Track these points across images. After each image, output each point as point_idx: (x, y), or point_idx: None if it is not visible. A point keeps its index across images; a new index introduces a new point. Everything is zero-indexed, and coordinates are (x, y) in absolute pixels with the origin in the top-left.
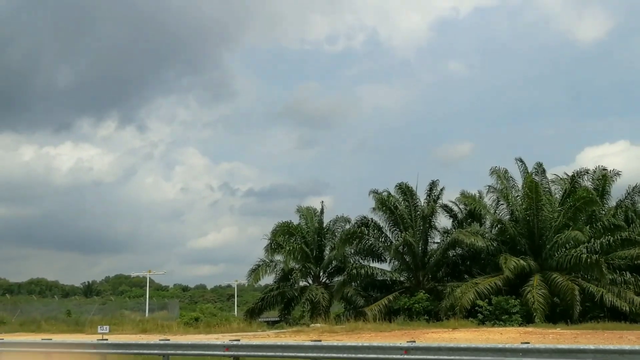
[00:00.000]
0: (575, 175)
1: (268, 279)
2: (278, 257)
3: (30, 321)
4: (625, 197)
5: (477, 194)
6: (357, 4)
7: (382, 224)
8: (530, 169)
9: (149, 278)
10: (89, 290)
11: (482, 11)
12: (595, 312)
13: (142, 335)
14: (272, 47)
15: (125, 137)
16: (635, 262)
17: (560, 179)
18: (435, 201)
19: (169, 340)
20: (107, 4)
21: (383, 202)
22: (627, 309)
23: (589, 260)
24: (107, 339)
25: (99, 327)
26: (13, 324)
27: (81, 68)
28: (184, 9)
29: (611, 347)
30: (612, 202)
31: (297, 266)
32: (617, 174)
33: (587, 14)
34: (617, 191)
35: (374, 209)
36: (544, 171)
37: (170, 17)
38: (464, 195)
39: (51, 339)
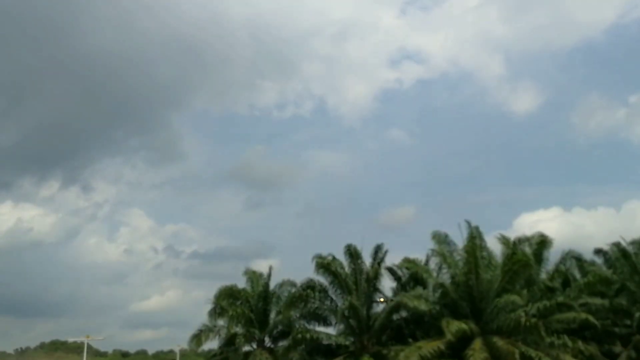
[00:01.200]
0: (517, 241)
1: (212, 344)
2: (221, 322)
3: None
4: (560, 261)
5: (420, 258)
6: (305, 73)
7: (327, 287)
8: (470, 234)
9: (87, 344)
10: (22, 356)
11: (424, 83)
12: None
13: None
14: (222, 112)
15: (68, 197)
16: (571, 326)
17: (502, 242)
18: (379, 264)
19: None
20: (54, 64)
21: (326, 267)
22: None
23: (527, 323)
24: None
25: None
26: None
27: (25, 126)
28: (133, 71)
29: None
30: (549, 267)
31: (240, 331)
32: (550, 241)
33: (520, 88)
34: (552, 256)
35: (320, 272)
36: (481, 235)
37: (119, 78)
38: (406, 259)
39: None
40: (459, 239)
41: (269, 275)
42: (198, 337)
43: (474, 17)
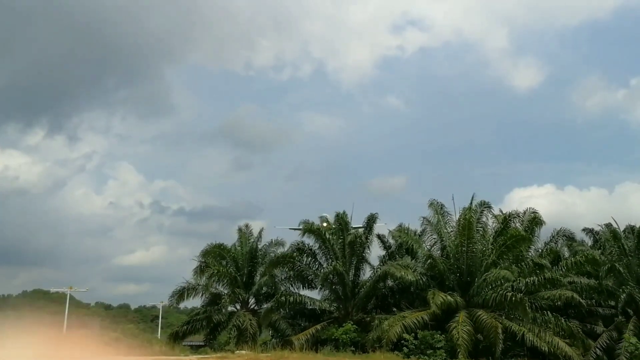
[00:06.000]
0: (507, 216)
1: (195, 302)
2: (206, 280)
3: None
4: (551, 239)
5: (410, 228)
6: (305, 35)
7: (317, 251)
8: (465, 206)
9: (70, 294)
10: (4, 303)
11: (426, 51)
12: (516, 350)
13: None
14: (217, 69)
15: (54, 146)
16: (556, 304)
17: (495, 216)
18: (369, 233)
19: None
20: (45, 9)
21: (314, 232)
22: (546, 349)
23: (513, 298)
24: None
25: None
26: None
27: (11, 70)
28: (127, 19)
29: None
30: (539, 244)
31: (225, 291)
32: (541, 219)
33: (521, 64)
34: (542, 234)
35: (308, 236)
36: (486, 208)
37: (112, 25)
38: (397, 229)
39: None
40: (453, 211)
41: (260, 236)
42: (180, 294)
43: None
